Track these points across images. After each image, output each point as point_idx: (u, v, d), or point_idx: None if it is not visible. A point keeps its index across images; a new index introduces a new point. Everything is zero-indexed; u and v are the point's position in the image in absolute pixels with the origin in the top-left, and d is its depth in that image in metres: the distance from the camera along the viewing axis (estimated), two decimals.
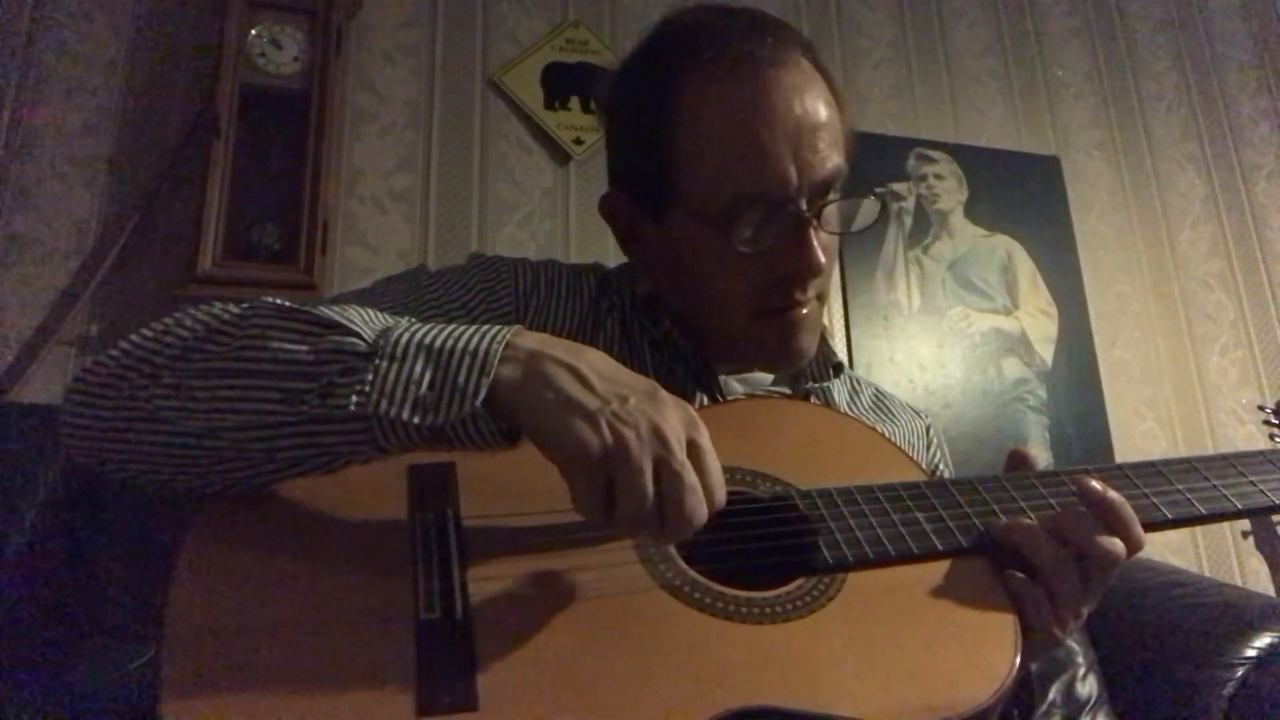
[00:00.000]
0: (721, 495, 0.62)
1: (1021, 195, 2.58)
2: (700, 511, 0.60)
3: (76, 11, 1.95)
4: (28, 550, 1.29)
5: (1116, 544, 0.71)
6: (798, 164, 0.81)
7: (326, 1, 1.97)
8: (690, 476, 0.60)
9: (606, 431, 0.59)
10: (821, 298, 0.89)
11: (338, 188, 2.00)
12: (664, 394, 0.64)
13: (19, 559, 1.28)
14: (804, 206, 0.82)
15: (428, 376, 0.60)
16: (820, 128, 0.83)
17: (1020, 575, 0.71)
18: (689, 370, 0.92)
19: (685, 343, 0.92)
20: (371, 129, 2.10)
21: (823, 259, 0.83)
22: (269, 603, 0.60)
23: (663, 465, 0.59)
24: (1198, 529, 2.41)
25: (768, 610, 0.67)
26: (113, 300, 1.82)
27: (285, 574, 0.62)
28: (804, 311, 0.87)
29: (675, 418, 0.62)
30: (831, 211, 0.85)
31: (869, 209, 0.89)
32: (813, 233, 0.82)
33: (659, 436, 0.60)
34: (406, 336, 0.62)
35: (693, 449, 0.62)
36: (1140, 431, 2.50)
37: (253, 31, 1.91)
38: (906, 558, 0.72)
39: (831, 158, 0.84)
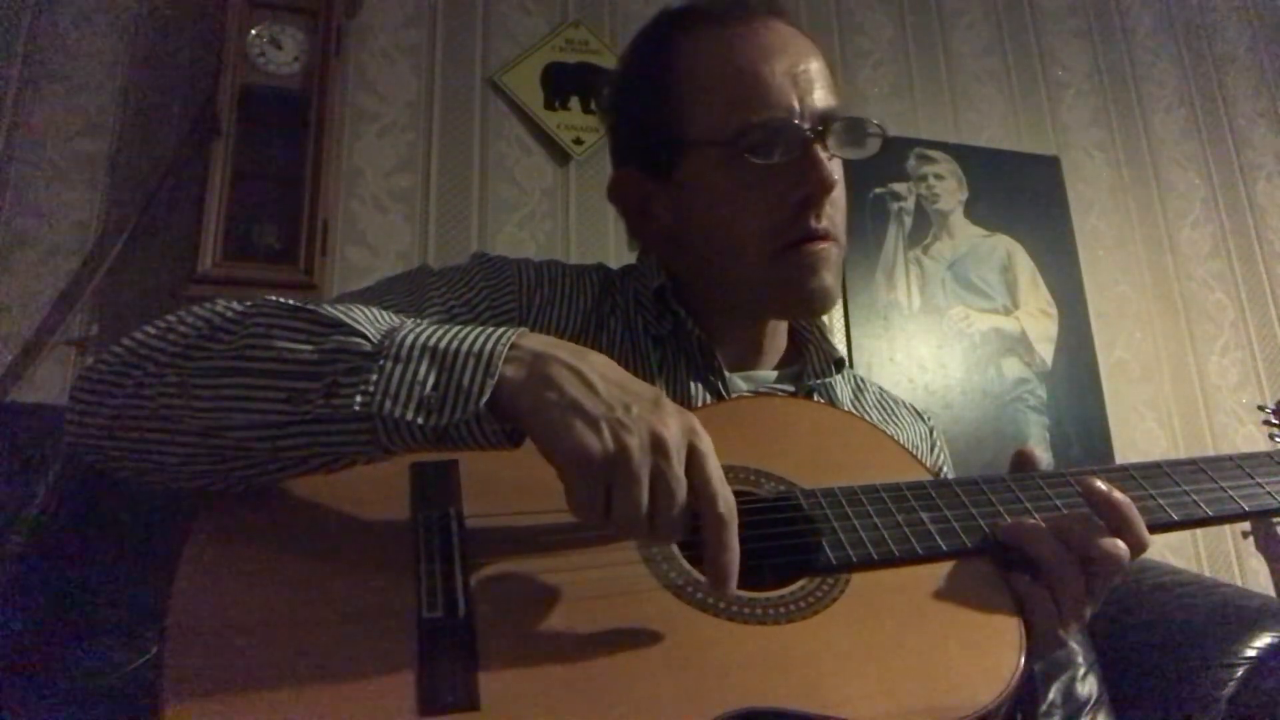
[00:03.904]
0: (725, 502, 0.62)
1: (1021, 195, 2.58)
2: (682, 531, 0.61)
3: (76, 11, 1.95)
4: (28, 550, 1.28)
5: (1121, 546, 0.70)
6: (798, 93, 0.87)
7: (326, 1, 1.97)
8: (681, 494, 0.60)
9: (609, 437, 0.59)
10: (838, 239, 0.90)
11: (338, 188, 2.00)
12: (667, 401, 0.63)
13: (19, 559, 1.27)
14: (807, 127, 0.86)
15: (432, 377, 0.60)
16: (815, 71, 0.89)
17: (1025, 576, 0.71)
18: (694, 366, 0.92)
19: (698, 334, 0.92)
20: (371, 129, 2.10)
21: (834, 175, 0.86)
22: (271, 601, 0.60)
23: (658, 477, 0.59)
24: (1198, 529, 2.41)
25: (771, 611, 0.66)
26: (113, 300, 1.82)
27: (287, 572, 0.62)
28: (820, 247, 0.88)
29: (677, 427, 0.61)
30: (835, 137, 0.88)
31: (871, 140, 0.91)
32: (819, 150, 0.85)
33: (659, 446, 0.60)
34: (411, 337, 0.62)
35: (694, 456, 0.61)
36: (1140, 431, 2.50)
37: (253, 31, 1.91)
38: (910, 558, 0.71)
39: (828, 97, 0.88)
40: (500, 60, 2.24)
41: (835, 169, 0.88)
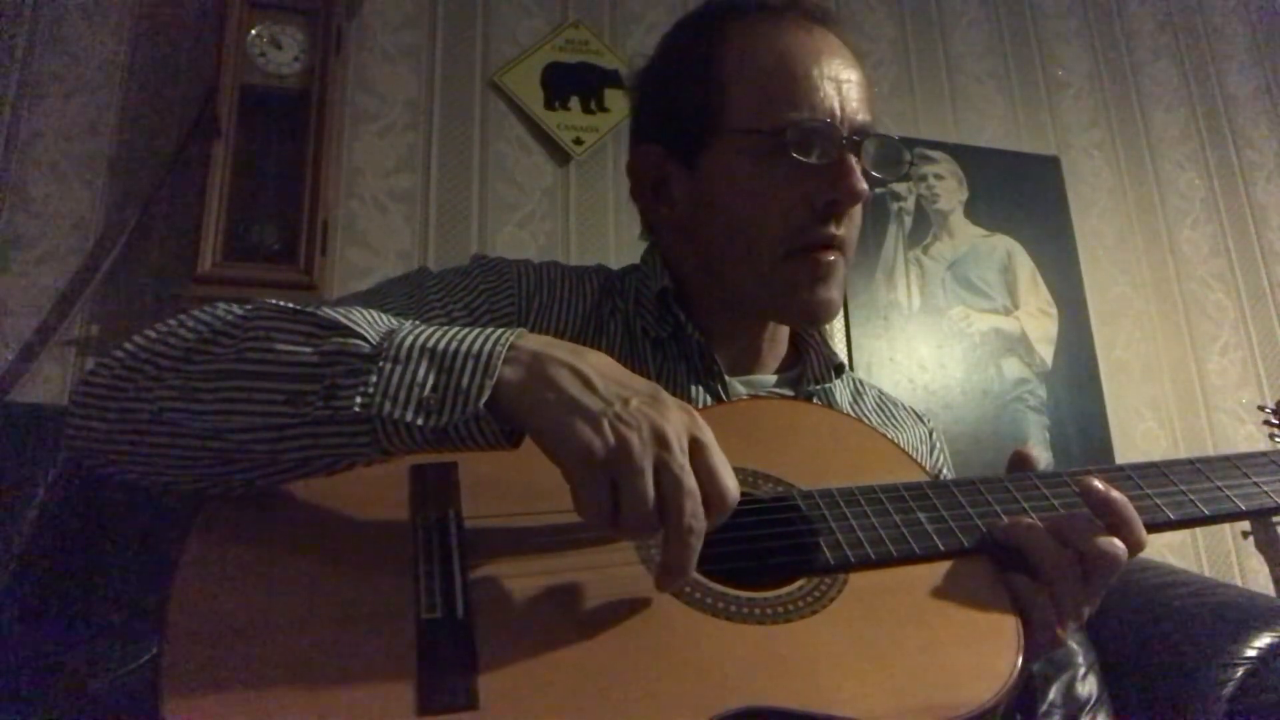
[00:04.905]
0: (733, 489, 0.62)
1: (1021, 195, 2.58)
2: (699, 515, 0.59)
3: (76, 11, 1.95)
4: (28, 550, 1.28)
5: (1118, 545, 0.71)
6: (840, 101, 0.87)
7: (326, 1, 1.97)
8: (689, 480, 0.60)
9: (609, 433, 0.59)
10: (847, 253, 0.91)
11: (338, 188, 2.00)
12: (666, 395, 0.64)
13: (19, 559, 1.28)
14: (845, 134, 0.86)
15: (431, 379, 0.60)
16: (856, 83, 0.90)
17: (1022, 576, 0.71)
18: (693, 370, 0.92)
19: (697, 338, 0.92)
20: (371, 129, 2.10)
21: (864, 185, 0.86)
22: (270, 602, 0.60)
23: (663, 468, 0.59)
24: (1198, 529, 2.41)
25: (769, 611, 0.67)
26: (113, 300, 1.82)
27: (287, 573, 0.62)
28: (832, 258, 0.88)
29: (677, 419, 0.62)
30: (868, 153, 0.89)
31: (901, 163, 0.93)
32: (853, 160, 0.86)
33: (660, 438, 0.60)
34: (410, 339, 0.62)
35: (697, 448, 0.62)
36: (1140, 431, 2.50)
37: (253, 31, 1.91)
38: (908, 558, 0.72)
39: (865, 111, 0.89)
40: (500, 60, 2.24)
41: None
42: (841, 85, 0.88)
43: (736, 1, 0.94)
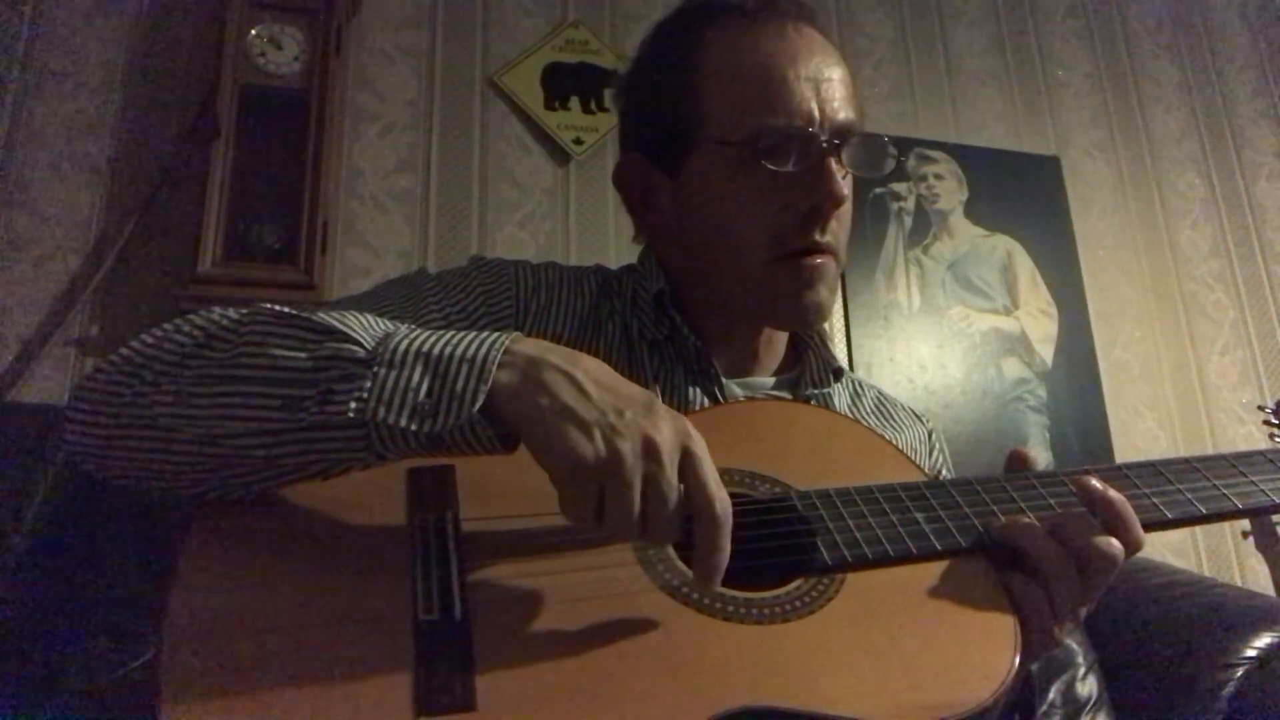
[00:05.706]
0: (722, 501, 0.62)
1: (1021, 195, 2.58)
2: (676, 533, 0.62)
3: (77, 11, 1.95)
4: (28, 550, 1.28)
5: (1115, 544, 0.71)
6: (819, 102, 0.85)
7: (326, 1, 1.97)
8: (673, 497, 0.61)
9: (601, 443, 0.59)
10: (838, 254, 0.89)
11: (338, 188, 2.00)
12: (660, 406, 0.64)
13: (19, 559, 1.28)
14: (824, 138, 0.85)
15: (426, 384, 0.60)
16: (838, 81, 0.88)
17: (1020, 575, 0.71)
18: (690, 372, 0.92)
19: (693, 341, 0.92)
20: (371, 129, 2.10)
21: (844, 190, 0.85)
22: (268, 603, 0.60)
23: (651, 483, 0.60)
24: (1197, 529, 2.41)
25: (767, 611, 0.67)
26: (113, 300, 1.82)
27: (284, 575, 0.62)
28: (820, 261, 0.87)
29: (669, 431, 0.62)
30: (850, 153, 0.87)
31: (886, 161, 0.91)
32: (833, 163, 0.84)
33: (651, 451, 0.60)
34: (405, 343, 0.62)
35: (688, 460, 0.62)
36: (1140, 431, 2.50)
37: (253, 31, 1.91)
38: (905, 558, 0.72)
39: (848, 110, 0.87)
40: (500, 60, 2.24)
41: (845, 184, 0.87)
42: (820, 85, 0.86)
43: (712, 3, 0.92)
